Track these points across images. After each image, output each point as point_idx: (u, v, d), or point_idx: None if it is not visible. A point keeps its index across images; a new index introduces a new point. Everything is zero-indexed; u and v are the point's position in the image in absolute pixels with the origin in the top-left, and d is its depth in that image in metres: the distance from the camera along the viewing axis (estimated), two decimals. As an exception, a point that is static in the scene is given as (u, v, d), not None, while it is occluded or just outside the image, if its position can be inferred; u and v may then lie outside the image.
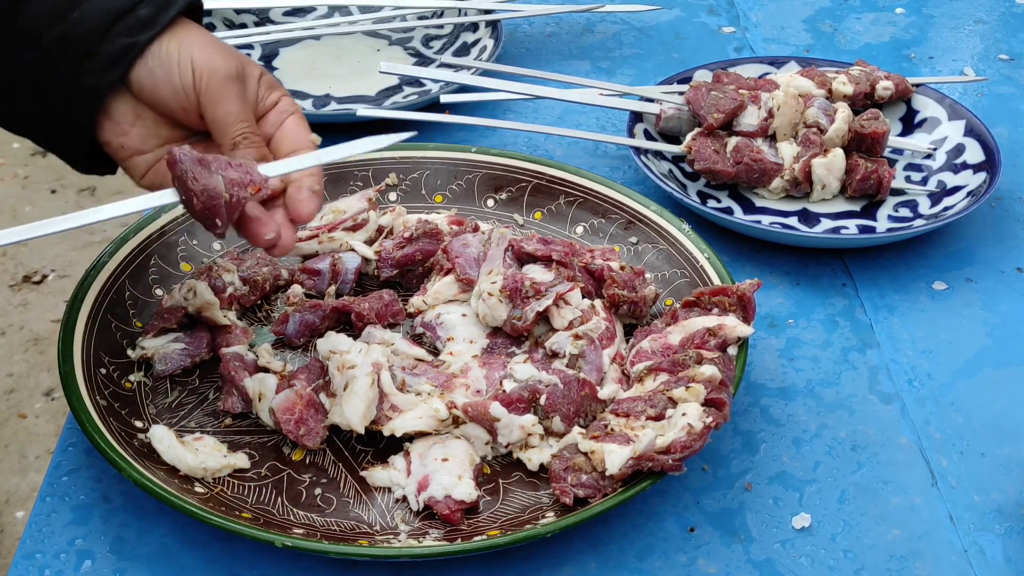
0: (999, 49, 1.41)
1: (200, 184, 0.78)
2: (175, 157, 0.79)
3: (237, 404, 0.88)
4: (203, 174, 0.78)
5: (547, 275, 0.94)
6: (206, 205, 0.79)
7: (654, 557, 0.82)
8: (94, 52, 0.80)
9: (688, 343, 0.89)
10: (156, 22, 0.81)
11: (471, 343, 0.93)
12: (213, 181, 0.78)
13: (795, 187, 1.12)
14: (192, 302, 0.93)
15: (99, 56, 0.80)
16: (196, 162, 0.79)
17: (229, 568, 0.80)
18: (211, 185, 0.78)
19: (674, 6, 1.46)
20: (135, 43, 0.81)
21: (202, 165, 0.79)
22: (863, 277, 1.06)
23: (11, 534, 1.94)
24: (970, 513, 0.85)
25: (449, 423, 0.85)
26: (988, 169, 1.12)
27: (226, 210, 0.79)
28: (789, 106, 1.12)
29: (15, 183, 2.70)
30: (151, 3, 0.82)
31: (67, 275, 2.44)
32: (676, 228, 1.01)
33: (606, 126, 1.24)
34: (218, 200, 0.79)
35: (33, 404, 2.18)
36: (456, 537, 0.80)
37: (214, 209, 0.79)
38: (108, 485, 0.85)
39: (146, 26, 0.81)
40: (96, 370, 0.88)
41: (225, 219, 0.80)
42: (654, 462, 0.80)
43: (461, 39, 1.34)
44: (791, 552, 0.82)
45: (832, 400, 0.94)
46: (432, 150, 1.09)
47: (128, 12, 0.81)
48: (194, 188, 0.78)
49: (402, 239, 1.00)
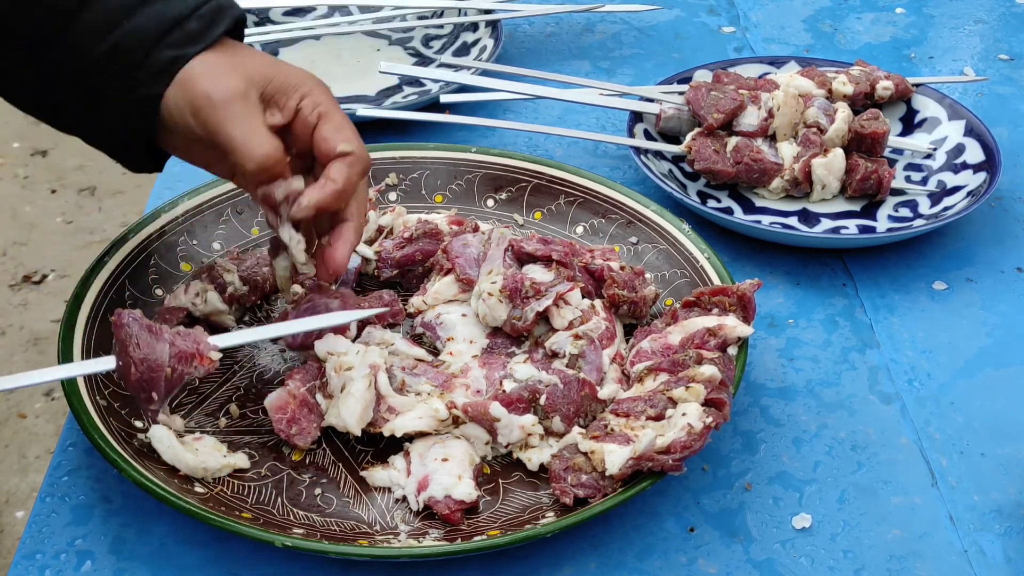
0: (999, 49, 1.41)
1: (142, 352, 0.75)
2: (122, 320, 0.76)
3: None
4: (148, 342, 0.75)
5: (547, 275, 0.94)
6: (143, 376, 0.75)
7: (654, 557, 0.82)
8: (143, 64, 0.81)
9: (688, 343, 0.89)
10: (205, 36, 0.82)
11: (471, 343, 0.93)
12: (157, 351, 0.75)
13: (795, 187, 1.12)
14: (201, 308, 0.93)
15: (146, 68, 0.81)
16: (144, 328, 0.75)
17: (229, 568, 0.80)
18: (154, 355, 0.75)
19: (674, 6, 1.46)
20: (182, 55, 0.82)
21: (150, 332, 0.75)
22: (863, 277, 1.06)
23: (11, 534, 1.95)
24: (970, 513, 0.85)
25: (449, 423, 0.85)
26: (988, 169, 1.12)
27: (165, 385, 0.76)
28: (789, 106, 1.12)
29: (15, 183, 2.70)
30: (200, 18, 0.83)
31: (67, 275, 2.44)
32: (676, 228, 1.01)
33: (606, 126, 1.24)
34: (159, 373, 0.75)
35: (33, 404, 2.18)
36: (456, 537, 0.80)
37: (152, 382, 0.76)
38: (108, 485, 0.85)
39: (195, 40, 0.82)
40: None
41: (162, 394, 0.76)
42: (654, 462, 0.80)
43: (461, 39, 1.34)
44: (791, 552, 0.82)
45: (832, 400, 0.94)
46: (432, 150, 1.09)
47: (177, 25, 0.82)
48: (134, 356, 0.75)
49: (402, 239, 1.00)
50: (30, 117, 0.88)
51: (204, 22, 0.83)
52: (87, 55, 0.82)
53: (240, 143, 0.81)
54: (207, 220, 1.02)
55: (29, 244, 2.54)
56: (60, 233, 2.57)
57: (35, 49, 0.82)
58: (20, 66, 0.84)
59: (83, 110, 0.85)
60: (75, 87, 0.83)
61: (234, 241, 1.02)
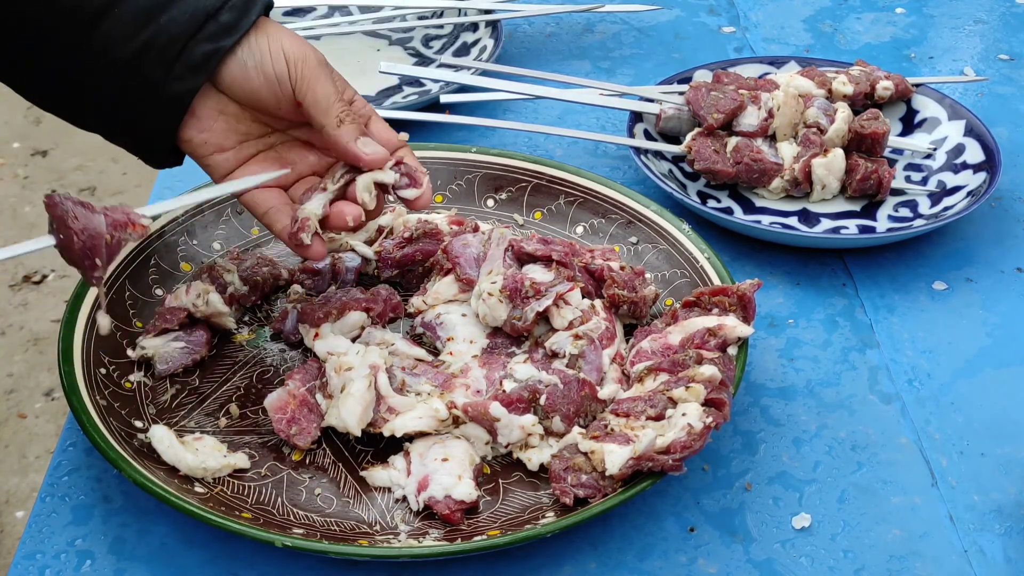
0: (999, 49, 1.41)
1: (80, 224, 0.77)
2: (55, 200, 0.78)
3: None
4: (84, 215, 0.78)
5: (547, 275, 0.94)
6: (86, 244, 0.78)
7: (654, 557, 0.82)
8: (177, 60, 0.82)
9: (688, 343, 0.89)
10: (238, 27, 0.83)
11: (471, 343, 0.93)
12: (95, 221, 0.78)
13: (795, 187, 1.12)
14: (203, 310, 0.93)
15: (182, 63, 0.82)
16: (77, 204, 0.78)
17: (229, 568, 0.80)
18: (92, 225, 0.78)
19: (674, 6, 1.46)
20: (218, 48, 0.82)
21: (83, 207, 0.78)
22: (863, 277, 1.06)
23: (11, 534, 1.95)
24: (970, 513, 0.85)
25: (449, 423, 0.85)
26: (988, 169, 1.12)
27: (106, 251, 0.78)
28: (789, 106, 1.12)
29: (15, 183, 2.70)
30: (232, 8, 0.83)
31: (67, 275, 2.44)
32: (676, 228, 1.01)
33: (606, 126, 1.24)
34: (99, 240, 0.78)
35: (33, 404, 2.18)
36: (456, 537, 0.80)
37: (94, 249, 0.78)
38: (108, 485, 0.85)
39: (229, 31, 0.82)
40: (96, 370, 0.88)
41: (105, 260, 0.79)
42: (654, 462, 0.80)
43: (461, 39, 1.34)
44: (791, 552, 0.82)
45: (832, 400, 0.94)
46: (432, 150, 1.09)
47: (211, 18, 0.82)
48: (74, 227, 0.77)
49: (402, 239, 1.00)
50: (30, 117, 0.89)
51: (237, 12, 0.83)
52: (116, 54, 0.82)
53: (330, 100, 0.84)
54: (207, 220, 1.02)
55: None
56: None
57: (60, 51, 0.82)
58: (43, 67, 0.84)
59: (108, 109, 0.85)
60: (101, 87, 0.83)
61: (234, 241, 1.02)
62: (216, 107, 0.86)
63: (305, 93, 0.84)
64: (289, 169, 0.89)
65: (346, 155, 0.86)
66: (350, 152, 0.86)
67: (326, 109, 0.85)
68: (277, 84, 0.84)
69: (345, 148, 0.85)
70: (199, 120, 0.85)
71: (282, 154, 0.89)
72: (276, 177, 0.87)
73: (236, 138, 0.87)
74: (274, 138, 0.89)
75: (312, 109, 0.85)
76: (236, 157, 0.88)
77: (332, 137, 0.85)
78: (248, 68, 0.84)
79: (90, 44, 0.82)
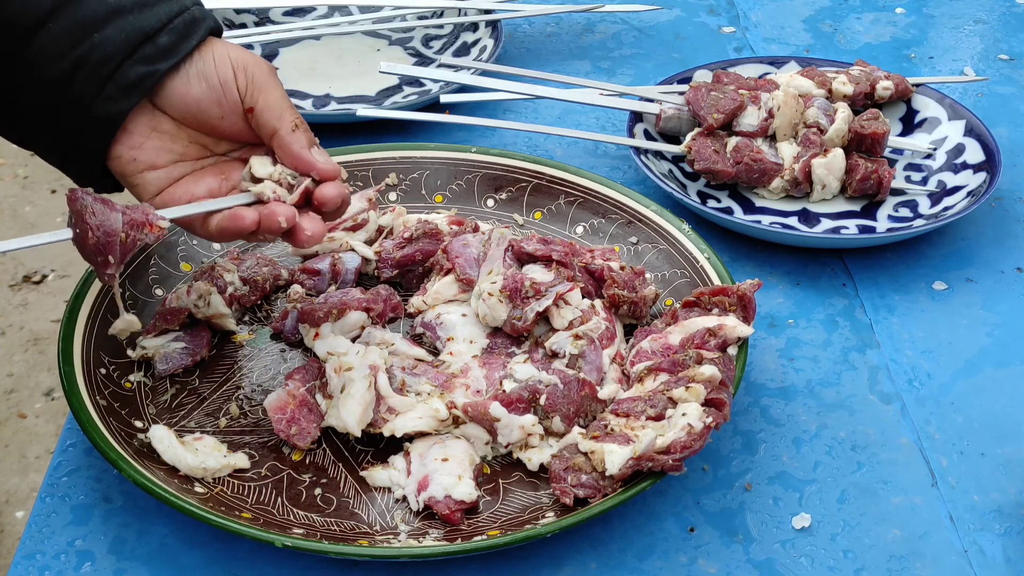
0: (999, 49, 1.41)
1: (97, 220, 0.78)
2: (76, 195, 0.78)
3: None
4: (102, 211, 0.78)
5: (547, 275, 0.94)
6: (100, 241, 0.78)
7: (654, 557, 0.82)
8: (109, 80, 0.79)
9: (688, 343, 0.89)
10: (177, 51, 0.80)
11: (471, 343, 0.93)
12: (111, 219, 0.78)
13: (795, 187, 1.12)
14: (204, 311, 0.93)
15: (114, 83, 0.79)
16: (97, 200, 0.78)
17: (229, 568, 0.80)
18: (108, 222, 0.78)
19: (674, 6, 1.46)
20: (153, 71, 0.79)
21: (103, 204, 0.78)
22: (863, 277, 1.06)
23: (11, 534, 1.94)
24: (970, 513, 0.85)
25: (449, 423, 0.85)
26: (988, 169, 1.12)
27: (120, 249, 0.78)
28: (789, 106, 1.12)
29: (15, 183, 2.70)
30: (172, 31, 0.80)
31: (67, 275, 2.44)
32: (676, 228, 1.01)
33: (606, 126, 1.24)
34: (113, 238, 0.78)
35: (33, 404, 2.18)
36: (456, 537, 0.80)
37: (108, 246, 0.78)
38: (108, 485, 0.85)
39: (166, 55, 0.80)
40: (96, 370, 0.88)
41: (118, 258, 0.79)
42: (654, 462, 0.80)
43: (461, 39, 1.34)
44: (791, 552, 0.82)
45: (832, 400, 0.94)
46: (432, 150, 1.09)
47: (148, 40, 0.79)
48: (91, 223, 0.78)
49: (402, 239, 1.00)
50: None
51: (177, 35, 0.80)
52: (49, 70, 0.79)
53: (283, 105, 0.82)
54: (207, 220, 1.02)
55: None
56: (60, 233, 2.57)
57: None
58: None
59: (40, 126, 0.82)
60: (34, 103, 0.80)
61: (234, 242, 1.02)
62: (149, 124, 0.82)
63: (256, 98, 0.82)
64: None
65: (298, 162, 0.83)
66: (303, 160, 0.83)
67: (280, 114, 0.82)
68: (222, 91, 0.81)
69: (298, 155, 0.83)
70: (130, 136, 0.82)
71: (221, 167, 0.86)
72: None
73: (169, 157, 0.83)
74: (210, 161, 0.86)
75: (265, 114, 0.82)
76: (168, 176, 0.83)
77: (285, 142, 0.82)
78: (189, 77, 0.81)
79: (24, 58, 0.78)
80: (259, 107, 0.82)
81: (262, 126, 0.83)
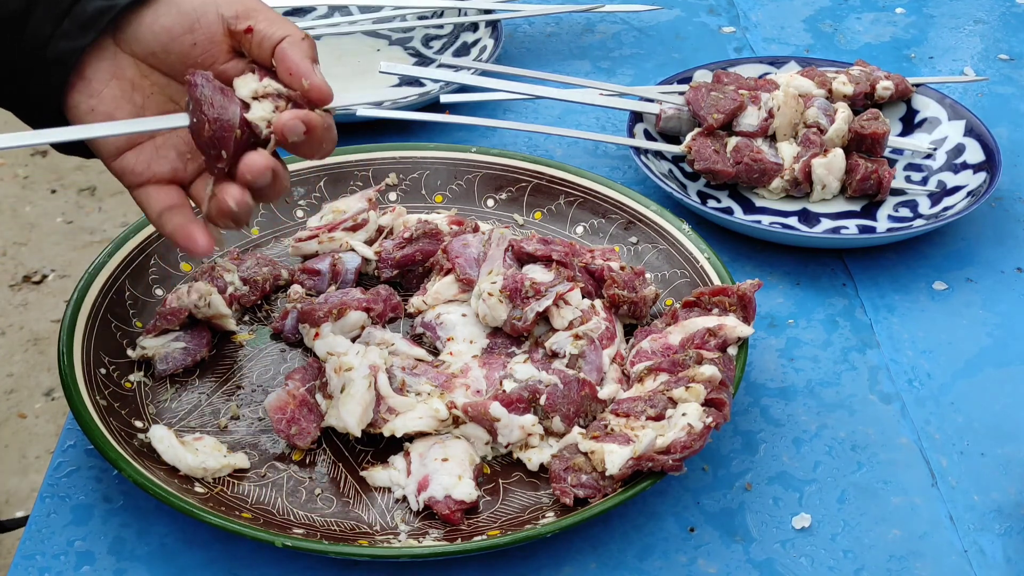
0: (999, 49, 1.41)
1: (215, 112, 0.74)
2: (195, 80, 0.75)
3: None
4: (221, 103, 0.74)
5: (547, 275, 0.94)
6: (216, 134, 0.74)
7: (654, 557, 0.82)
8: (67, 15, 0.75)
9: (688, 343, 0.89)
10: None
11: (471, 343, 0.93)
12: (229, 112, 0.74)
13: (795, 187, 1.12)
14: (205, 311, 0.93)
15: (71, 19, 0.75)
16: (217, 89, 0.75)
17: (229, 568, 0.80)
18: (226, 116, 0.74)
19: (674, 6, 1.46)
20: (112, 5, 0.75)
21: (222, 93, 0.75)
22: (863, 277, 1.06)
23: (11, 534, 1.94)
24: (970, 513, 0.85)
25: (449, 423, 0.85)
26: (988, 169, 1.12)
27: (234, 146, 0.75)
28: (789, 106, 1.12)
29: (15, 183, 2.70)
30: None
31: (67, 275, 2.44)
32: (676, 228, 1.01)
33: (606, 126, 1.24)
34: (229, 133, 0.74)
35: (33, 404, 2.18)
36: (456, 537, 0.80)
37: (223, 140, 0.74)
38: (108, 485, 0.85)
39: None
40: (96, 370, 0.88)
41: (231, 153, 0.75)
42: (654, 462, 0.80)
43: (461, 39, 1.34)
44: (791, 552, 0.82)
45: (832, 400, 0.94)
46: (432, 150, 1.09)
47: None
48: (208, 115, 0.74)
49: (402, 239, 1.00)
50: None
51: None
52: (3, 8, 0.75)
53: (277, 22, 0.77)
54: (207, 220, 1.02)
55: (29, 244, 2.54)
56: (60, 233, 2.57)
57: None
58: None
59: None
60: None
61: (234, 241, 1.02)
62: (109, 69, 0.77)
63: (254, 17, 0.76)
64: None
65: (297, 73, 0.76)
66: (302, 70, 0.76)
67: (285, 25, 0.76)
68: (195, 15, 0.76)
69: (298, 65, 0.76)
70: (88, 83, 0.76)
71: (184, 138, 0.79)
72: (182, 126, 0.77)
73: (129, 108, 0.78)
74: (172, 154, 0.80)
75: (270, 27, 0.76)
76: (128, 140, 0.78)
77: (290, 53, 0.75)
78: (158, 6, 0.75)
79: None
80: (260, 24, 0.77)
81: (266, 39, 0.76)
